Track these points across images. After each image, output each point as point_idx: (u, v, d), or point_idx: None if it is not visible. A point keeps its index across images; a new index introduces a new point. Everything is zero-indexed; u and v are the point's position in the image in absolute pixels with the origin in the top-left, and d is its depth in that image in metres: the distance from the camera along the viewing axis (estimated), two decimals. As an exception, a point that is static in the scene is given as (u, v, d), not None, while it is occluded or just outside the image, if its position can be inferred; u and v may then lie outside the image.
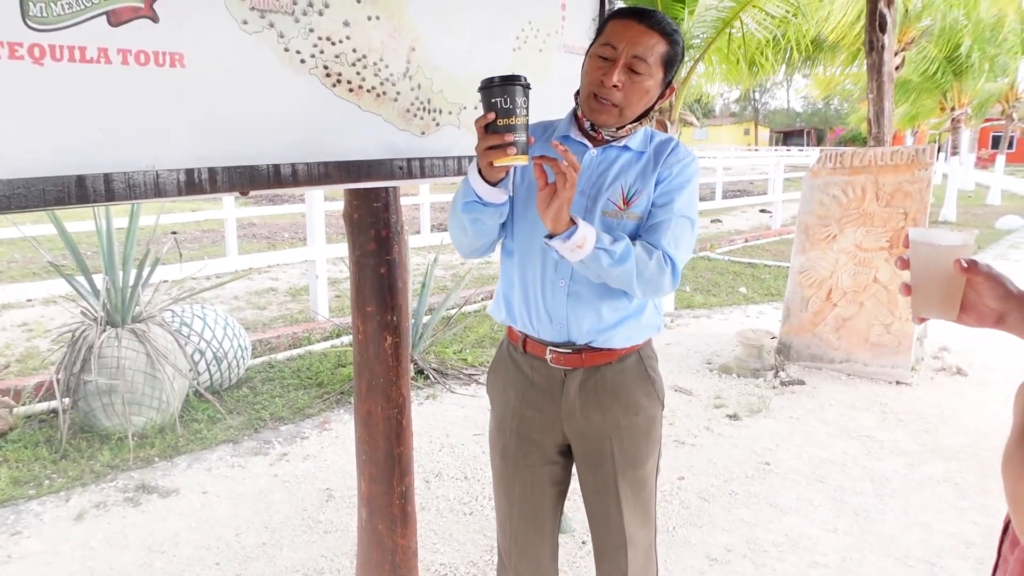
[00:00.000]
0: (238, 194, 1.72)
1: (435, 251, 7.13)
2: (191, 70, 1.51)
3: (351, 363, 2.89)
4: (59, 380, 3.98)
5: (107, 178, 1.41)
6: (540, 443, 1.84)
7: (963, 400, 4.82)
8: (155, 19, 1.44)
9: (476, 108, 2.09)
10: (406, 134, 1.96)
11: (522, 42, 2.22)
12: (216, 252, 9.89)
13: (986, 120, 26.02)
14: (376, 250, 2.15)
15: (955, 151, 18.49)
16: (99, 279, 4.22)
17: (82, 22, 1.35)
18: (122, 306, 4.19)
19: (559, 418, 1.79)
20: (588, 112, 1.66)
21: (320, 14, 1.71)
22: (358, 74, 1.82)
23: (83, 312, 4.22)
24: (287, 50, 1.66)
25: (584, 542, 3.07)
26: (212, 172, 1.56)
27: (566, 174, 1.44)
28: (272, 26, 1.63)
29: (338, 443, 4.07)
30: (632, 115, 1.66)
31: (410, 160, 1.97)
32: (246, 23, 1.58)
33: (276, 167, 1.66)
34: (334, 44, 1.75)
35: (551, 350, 1.76)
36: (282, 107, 1.68)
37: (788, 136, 64.86)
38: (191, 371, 4.38)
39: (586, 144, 1.71)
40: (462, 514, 3.34)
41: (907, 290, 1.09)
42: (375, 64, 1.85)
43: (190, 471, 3.71)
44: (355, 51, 1.80)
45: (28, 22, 1.29)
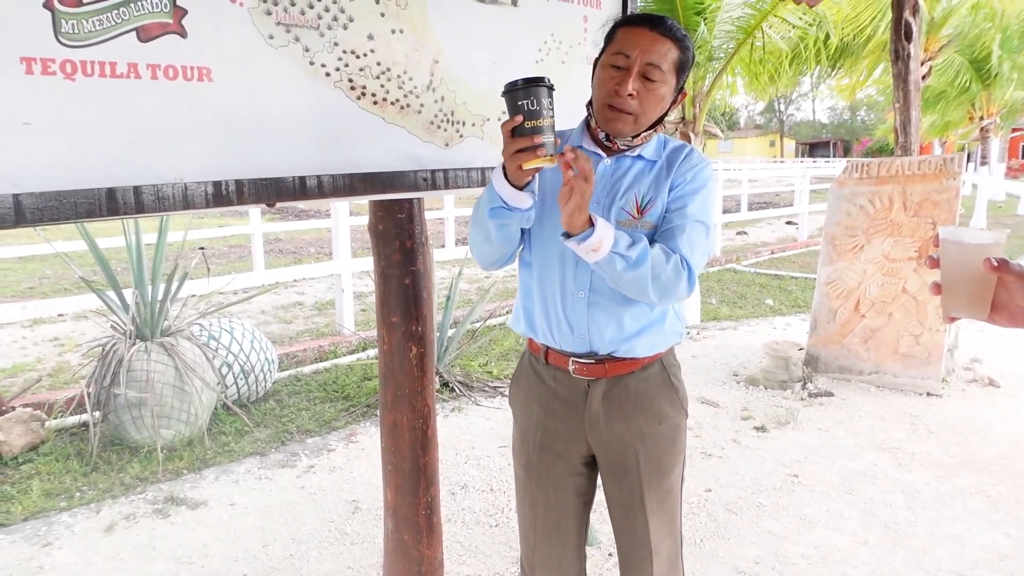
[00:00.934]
0: (264, 207, 1.74)
1: (460, 265, 7.15)
2: (218, 84, 1.53)
3: (377, 376, 2.91)
4: (90, 394, 4.04)
5: (136, 190, 1.44)
6: (564, 454, 1.83)
7: (995, 411, 4.72)
8: (183, 35, 1.47)
9: (499, 119, 2.11)
10: (430, 146, 1.98)
11: (544, 54, 2.23)
12: (243, 267, 9.99)
13: (1015, 130, 25.68)
14: (401, 261, 2.17)
15: (984, 160, 18.26)
16: (129, 294, 4.27)
17: (112, 38, 1.38)
18: (151, 320, 4.25)
19: (583, 429, 1.78)
20: (603, 122, 1.66)
21: (345, 28, 1.73)
22: (382, 87, 1.84)
23: (113, 326, 4.28)
24: (312, 64, 1.69)
25: (611, 554, 3.04)
26: (239, 184, 1.58)
27: (585, 175, 1.44)
28: (298, 40, 1.65)
29: (364, 456, 4.08)
30: (647, 122, 1.65)
31: (434, 171, 1.98)
32: (272, 38, 1.61)
33: (302, 179, 1.68)
34: (359, 57, 1.77)
35: (574, 361, 1.75)
36: (307, 120, 1.71)
37: (814, 148, 64.50)
38: (219, 384, 4.42)
39: (600, 154, 1.71)
40: (488, 526, 3.33)
41: (937, 289, 1.08)
42: (399, 77, 1.87)
43: (218, 483, 3.74)
44: (379, 64, 1.82)
45: (60, 38, 1.32)
